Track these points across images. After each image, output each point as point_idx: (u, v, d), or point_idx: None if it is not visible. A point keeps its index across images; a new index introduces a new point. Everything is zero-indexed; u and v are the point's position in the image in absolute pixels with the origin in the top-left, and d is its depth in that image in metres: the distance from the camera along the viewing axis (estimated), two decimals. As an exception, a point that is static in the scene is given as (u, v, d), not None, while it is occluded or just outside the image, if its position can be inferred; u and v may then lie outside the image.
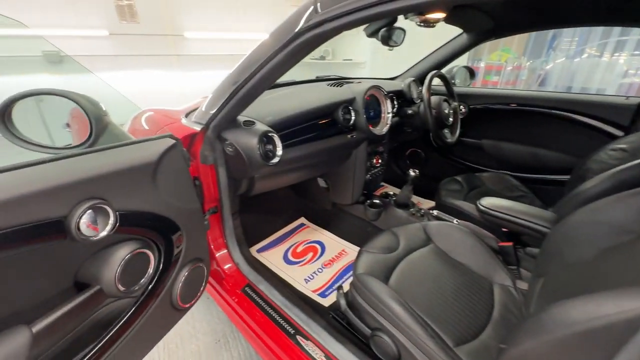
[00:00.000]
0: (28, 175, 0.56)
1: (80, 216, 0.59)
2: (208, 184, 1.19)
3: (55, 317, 0.60)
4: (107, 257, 0.68)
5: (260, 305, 1.16)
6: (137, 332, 0.80)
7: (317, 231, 1.76)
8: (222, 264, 1.31)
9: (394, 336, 0.87)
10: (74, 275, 0.66)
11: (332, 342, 0.98)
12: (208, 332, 1.47)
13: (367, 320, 0.97)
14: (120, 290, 0.68)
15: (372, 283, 0.96)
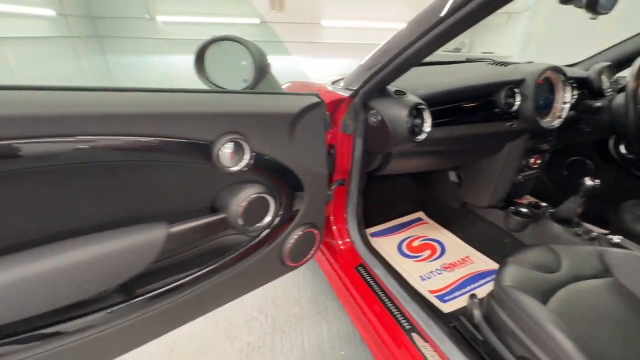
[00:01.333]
0: (191, 99, 0.65)
1: (223, 145, 0.67)
2: (342, 155, 1.17)
3: (187, 227, 0.70)
4: (237, 191, 0.76)
5: (373, 288, 1.09)
6: (243, 269, 0.87)
7: (437, 230, 1.58)
8: (338, 238, 1.29)
9: None
10: (211, 200, 0.77)
11: (457, 354, 0.83)
12: (311, 301, 1.50)
13: (512, 344, 0.78)
14: (239, 223, 0.75)
15: (527, 302, 0.76)
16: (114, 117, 0.54)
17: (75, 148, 0.52)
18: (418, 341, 0.90)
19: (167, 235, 0.67)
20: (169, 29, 5.28)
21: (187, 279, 0.78)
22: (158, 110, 0.59)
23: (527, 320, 0.74)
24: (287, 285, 1.58)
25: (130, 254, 0.64)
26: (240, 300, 1.45)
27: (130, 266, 0.66)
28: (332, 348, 1.28)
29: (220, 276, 0.84)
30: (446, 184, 1.57)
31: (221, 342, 1.29)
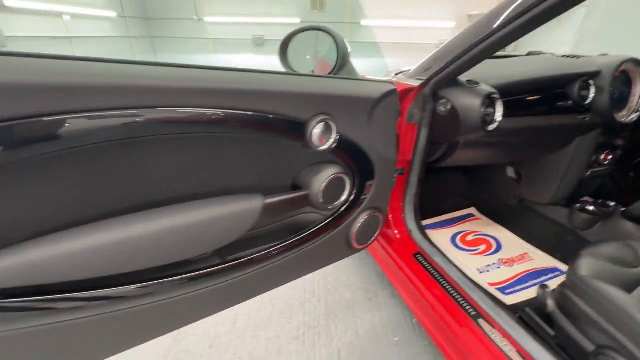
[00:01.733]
0: (287, 80, 0.71)
1: (316, 124, 0.73)
2: (404, 144, 1.20)
3: (280, 199, 0.76)
4: (319, 170, 0.82)
5: (434, 275, 1.10)
6: (314, 247, 0.93)
7: (490, 226, 1.56)
8: (395, 226, 1.32)
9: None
10: (293, 178, 0.83)
11: (529, 341, 0.84)
12: (361, 288, 1.53)
13: (591, 333, 0.78)
14: (319, 201, 0.81)
15: (611, 291, 0.76)
16: (221, 92, 0.61)
17: (189, 119, 0.59)
18: (485, 327, 0.91)
19: (263, 205, 0.74)
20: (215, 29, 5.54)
21: (265, 252, 0.84)
22: (259, 88, 0.66)
23: (611, 308, 0.73)
24: (337, 271, 1.63)
25: (232, 220, 0.72)
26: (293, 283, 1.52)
27: (230, 232, 0.73)
28: (385, 334, 1.30)
29: (294, 252, 0.91)
30: (502, 179, 1.55)
31: (278, 319, 1.36)
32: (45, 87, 0.44)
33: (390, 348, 1.24)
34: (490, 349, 0.86)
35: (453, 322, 0.96)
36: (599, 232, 1.24)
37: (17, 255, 0.52)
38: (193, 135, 0.63)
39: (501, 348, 0.85)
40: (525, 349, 0.83)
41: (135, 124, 0.53)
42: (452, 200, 1.72)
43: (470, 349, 0.89)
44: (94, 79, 0.48)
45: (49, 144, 0.47)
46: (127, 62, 0.52)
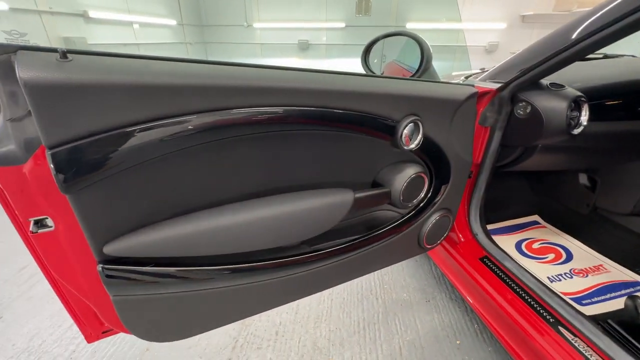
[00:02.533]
0: (378, 83, 0.75)
1: (406, 126, 0.77)
2: (475, 148, 1.20)
3: (367, 194, 0.81)
4: (401, 169, 0.86)
5: (505, 280, 1.09)
6: (388, 244, 0.97)
7: (557, 235, 1.49)
8: (460, 230, 1.32)
9: None
10: (374, 175, 0.87)
11: (617, 350, 0.81)
12: (418, 290, 1.54)
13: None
14: (400, 199, 0.85)
15: None
16: (322, 93, 0.66)
17: (294, 117, 0.65)
18: (567, 334, 0.89)
19: (354, 200, 0.80)
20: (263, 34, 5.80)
21: (345, 246, 0.90)
22: (355, 89, 0.71)
23: None
24: (393, 272, 1.65)
25: (327, 211, 0.78)
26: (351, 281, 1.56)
27: (324, 222, 0.80)
28: (446, 336, 1.30)
29: (370, 247, 0.95)
30: (573, 186, 1.48)
31: (338, 313, 1.41)
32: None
33: (453, 350, 1.24)
34: (574, 356, 0.84)
35: (530, 328, 0.95)
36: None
37: (161, 230, 0.62)
38: (295, 132, 0.70)
39: (585, 355, 0.83)
40: (613, 358, 0.80)
41: (250, 121, 0.60)
42: (515, 206, 1.67)
43: (550, 357, 0.88)
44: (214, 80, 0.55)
45: (189, 139, 0.55)
46: (226, 64, 0.59)
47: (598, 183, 1.38)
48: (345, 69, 0.73)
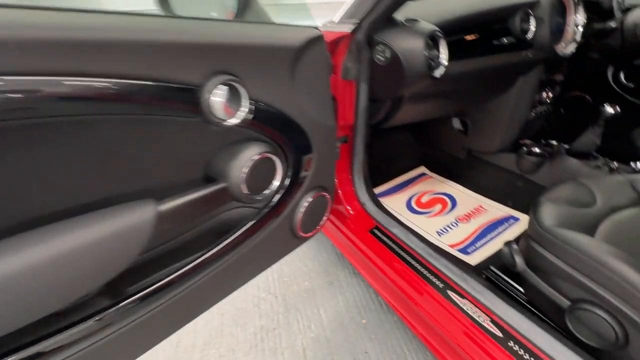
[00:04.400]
0: (167, 26, 0.49)
1: (214, 88, 0.51)
2: (343, 107, 1.02)
3: (181, 203, 0.54)
4: (237, 153, 0.61)
5: (394, 250, 0.99)
6: (252, 248, 0.75)
7: (443, 183, 1.50)
8: (346, 202, 1.17)
9: (620, 311, 0.61)
10: (204, 167, 0.61)
11: (502, 306, 0.76)
12: (320, 273, 1.40)
13: (564, 287, 0.71)
14: (244, 192, 0.61)
15: (578, 239, 0.69)
16: (60, 46, 0.36)
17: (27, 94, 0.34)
18: (456, 299, 0.82)
19: (157, 216, 0.52)
20: None
21: (188, 268, 0.63)
22: (117, 37, 0.41)
23: (581, 257, 0.66)
24: (292, 260, 1.47)
25: (111, 244, 0.48)
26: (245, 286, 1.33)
27: (113, 260, 0.50)
28: (352, 318, 1.20)
29: (227, 259, 0.71)
30: (449, 133, 1.47)
31: (230, 329, 1.17)
32: None
33: (360, 332, 1.14)
34: (464, 321, 0.77)
35: (420, 298, 0.86)
36: (546, 173, 1.23)
37: None
38: (40, 121, 0.39)
39: (475, 319, 0.76)
40: (498, 315, 0.75)
41: None
42: (400, 161, 1.62)
43: (442, 325, 0.80)
44: None
45: None
46: None
47: (469, 126, 1.38)
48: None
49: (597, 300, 0.65)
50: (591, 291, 0.65)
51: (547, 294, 0.73)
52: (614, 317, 0.62)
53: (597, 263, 0.64)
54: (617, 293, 0.61)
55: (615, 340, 0.62)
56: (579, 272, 0.67)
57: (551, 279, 0.73)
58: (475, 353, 0.72)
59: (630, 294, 0.59)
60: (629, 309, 0.60)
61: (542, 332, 0.69)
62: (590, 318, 0.66)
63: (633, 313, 0.59)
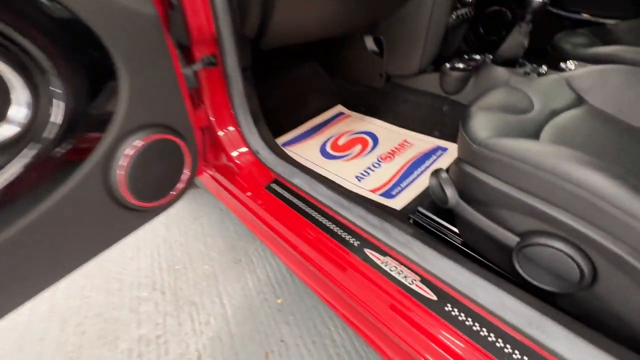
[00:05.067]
0: None
1: None
2: (194, 10, 0.67)
3: None
4: None
5: (297, 206, 0.72)
6: (30, 236, 0.42)
7: (363, 120, 1.26)
8: (231, 149, 0.86)
9: (587, 239, 0.42)
10: None
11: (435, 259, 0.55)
12: (224, 251, 1.10)
13: (510, 218, 0.51)
14: None
15: (523, 147, 0.48)
16: None
17: None
18: (375, 258, 0.59)
19: None
20: None
21: None
22: None
23: (531, 171, 0.46)
24: (187, 240, 1.14)
25: None
26: (115, 283, 0.97)
27: None
28: (264, 300, 0.94)
29: None
30: (364, 57, 1.21)
31: (92, 351, 0.83)
32: None
33: (274, 316, 0.89)
34: (387, 290, 0.55)
35: (329, 265, 0.62)
36: (473, 90, 1.04)
37: None
38: None
39: (401, 283, 0.54)
40: (430, 271, 0.54)
41: None
42: (313, 101, 1.33)
43: (361, 299, 0.57)
44: None
45: None
46: None
47: (384, 45, 1.12)
48: None
49: (554, 228, 0.45)
50: (546, 217, 0.45)
51: (489, 230, 0.53)
52: (578, 249, 0.44)
53: (553, 175, 0.43)
54: (583, 214, 0.42)
55: (580, 279, 0.44)
56: (528, 193, 0.47)
57: (493, 211, 0.53)
58: (407, 332, 0.51)
59: (600, 213, 0.40)
60: (598, 234, 0.41)
61: (486, 284, 0.50)
62: (545, 255, 0.47)
63: (604, 238, 0.41)
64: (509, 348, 0.43)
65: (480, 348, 0.45)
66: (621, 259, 0.40)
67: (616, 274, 0.41)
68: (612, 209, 0.39)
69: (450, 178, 0.59)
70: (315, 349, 0.82)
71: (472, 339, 0.46)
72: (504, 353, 0.43)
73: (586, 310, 0.47)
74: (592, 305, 0.46)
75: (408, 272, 0.56)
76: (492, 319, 0.47)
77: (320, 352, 0.82)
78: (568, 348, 0.41)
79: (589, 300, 0.46)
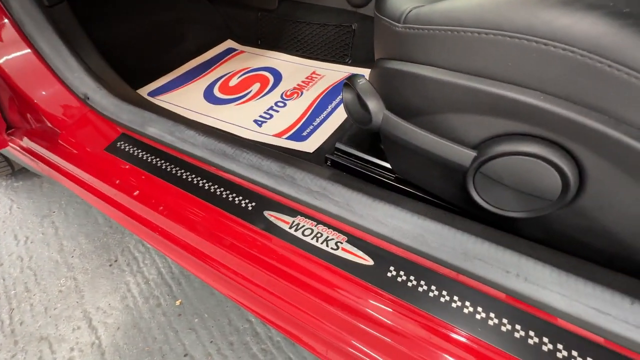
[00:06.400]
0: None
1: None
2: None
3: None
4: None
5: (158, 168, 0.47)
6: None
7: (260, 56, 0.99)
8: (42, 99, 0.53)
9: (575, 128, 0.27)
10: None
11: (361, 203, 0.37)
12: (90, 253, 0.78)
13: (460, 126, 0.35)
14: None
15: (466, 2, 0.30)
16: None
17: None
18: (280, 221, 0.38)
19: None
20: None
21: None
22: None
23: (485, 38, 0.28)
24: (30, 249, 0.79)
25: None
26: None
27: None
28: (156, 306, 0.69)
29: None
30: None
31: None
32: None
33: (173, 323, 0.65)
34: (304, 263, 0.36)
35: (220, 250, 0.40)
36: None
37: None
38: None
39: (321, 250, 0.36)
40: (361, 225, 0.36)
41: None
42: (194, 36, 1.01)
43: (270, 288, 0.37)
44: None
45: None
46: None
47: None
48: None
49: (526, 125, 0.30)
50: (515, 108, 0.29)
51: (431, 149, 0.36)
52: (561, 149, 0.29)
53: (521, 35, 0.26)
54: (570, 90, 0.26)
55: (563, 192, 0.30)
56: (486, 77, 0.30)
57: (435, 120, 0.35)
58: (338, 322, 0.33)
59: (599, 82, 0.25)
60: (594, 118, 0.26)
61: (440, 228, 0.34)
62: (513, 168, 0.31)
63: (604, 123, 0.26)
64: (493, 318, 0.28)
65: (447, 324, 0.29)
66: (625, 148, 0.26)
67: (612, 174, 0.28)
68: (616, 72, 0.24)
69: (369, 85, 0.40)
70: (233, 352, 0.62)
71: (433, 313, 0.30)
72: (485, 326, 0.28)
73: (560, 233, 0.35)
74: (570, 225, 0.34)
75: (329, 231, 0.37)
76: (456, 277, 0.32)
77: (241, 354, 0.62)
78: (566, 301, 0.28)
79: (566, 219, 0.33)
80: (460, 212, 0.38)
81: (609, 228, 0.32)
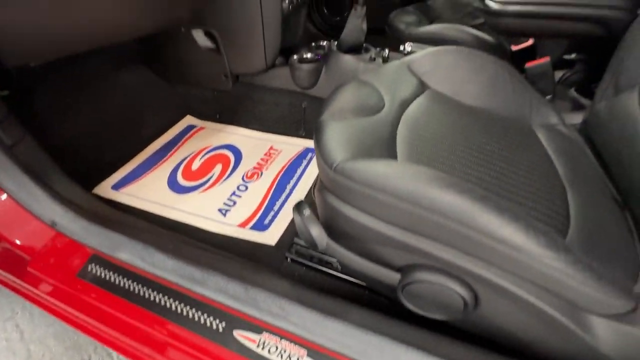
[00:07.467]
0: None
1: None
2: None
3: None
4: None
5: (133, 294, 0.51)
6: None
7: (220, 131, 1.06)
8: (8, 230, 0.56)
9: (461, 269, 0.37)
10: None
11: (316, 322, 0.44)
12: (60, 355, 0.78)
13: (386, 253, 0.43)
14: None
15: (378, 172, 0.40)
16: None
17: None
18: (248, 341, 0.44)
19: None
20: None
21: None
22: None
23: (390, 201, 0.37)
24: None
25: None
26: None
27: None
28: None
29: None
30: (200, 56, 0.99)
31: None
32: None
33: None
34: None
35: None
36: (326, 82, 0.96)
37: None
38: None
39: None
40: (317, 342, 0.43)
41: None
42: (152, 117, 1.06)
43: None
44: None
45: None
46: None
47: (217, 38, 0.93)
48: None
49: (429, 261, 0.39)
50: (419, 252, 0.39)
51: (366, 271, 0.45)
52: (458, 280, 0.38)
53: (416, 205, 0.36)
54: (454, 243, 0.36)
55: (464, 306, 0.39)
56: (397, 227, 0.39)
57: (366, 247, 0.44)
58: None
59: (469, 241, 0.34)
60: (472, 263, 0.36)
61: (387, 344, 0.41)
62: (428, 290, 0.41)
63: (479, 267, 0.36)
64: None
65: None
66: (498, 285, 0.35)
67: (495, 298, 0.38)
68: (480, 236, 0.33)
69: (312, 214, 0.48)
70: None
71: None
72: None
73: (478, 328, 0.45)
74: (481, 324, 0.43)
75: (292, 347, 0.44)
76: None
77: None
78: None
79: (477, 320, 0.43)
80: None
81: (502, 326, 0.42)
